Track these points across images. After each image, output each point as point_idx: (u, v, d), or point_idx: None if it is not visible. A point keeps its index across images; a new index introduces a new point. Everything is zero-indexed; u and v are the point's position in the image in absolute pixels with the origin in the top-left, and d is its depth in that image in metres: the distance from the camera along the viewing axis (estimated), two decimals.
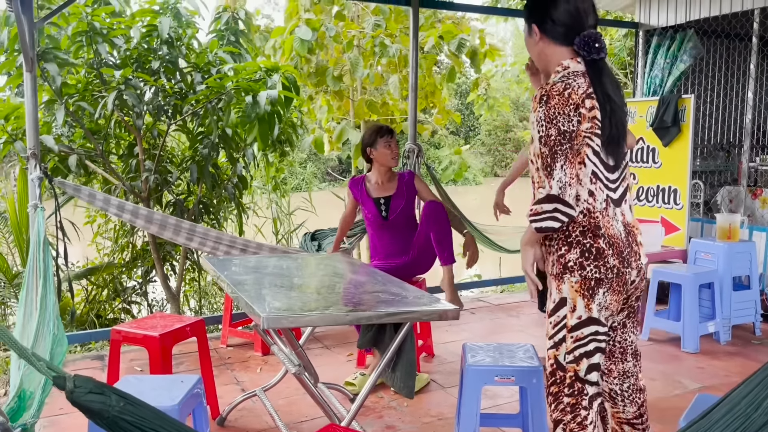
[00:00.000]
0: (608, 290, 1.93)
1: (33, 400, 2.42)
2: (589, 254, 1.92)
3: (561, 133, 1.83)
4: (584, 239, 1.92)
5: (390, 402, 3.31)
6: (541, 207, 1.86)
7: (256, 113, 4.44)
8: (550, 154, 1.84)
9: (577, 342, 1.96)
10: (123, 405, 0.98)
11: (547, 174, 1.85)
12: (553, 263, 1.98)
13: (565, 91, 1.85)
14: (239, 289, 2.49)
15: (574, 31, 1.91)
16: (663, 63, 5.41)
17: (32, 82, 3.49)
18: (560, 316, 1.98)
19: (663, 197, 5.06)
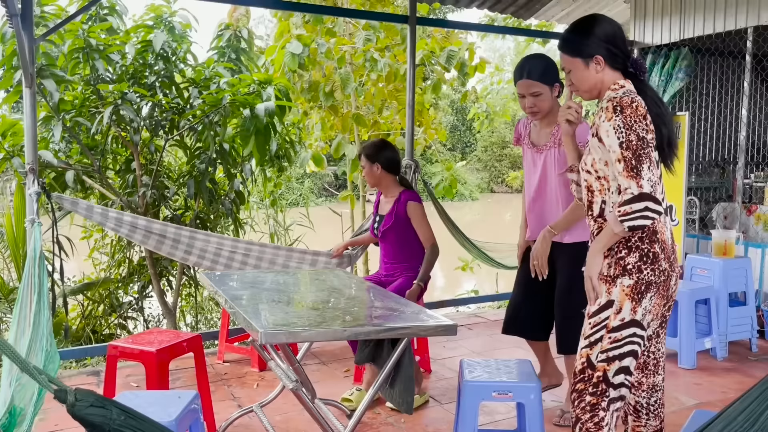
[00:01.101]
0: (655, 294, 2.06)
1: (24, 416, 2.40)
2: (647, 258, 2.05)
3: (640, 138, 1.99)
4: (643, 244, 2.06)
5: (387, 418, 3.30)
6: (630, 207, 1.95)
7: (254, 126, 4.46)
8: (635, 156, 1.97)
9: (614, 343, 2.06)
10: (124, 419, 0.98)
11: (634, 175, 1.95)
12: (611, 265, 2.08)
13: (632, 103, 2.03)
14: (236, 304, 2.49)
15: (627, 56, 2.17)
16: (657, 81, 5.46)
17: (31, 98, 3.50)
18: (602, 318, 2.08)
19: None
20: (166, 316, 5.14)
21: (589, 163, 2.14)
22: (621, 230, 2.00)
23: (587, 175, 2.16)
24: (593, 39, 2.16)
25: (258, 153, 4.62)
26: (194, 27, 4.82)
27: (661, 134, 2.13)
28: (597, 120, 2.09)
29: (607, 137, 2.03)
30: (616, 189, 2.08)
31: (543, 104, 2.95)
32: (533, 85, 2.92)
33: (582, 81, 2.20)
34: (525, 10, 5.79)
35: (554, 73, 2.96)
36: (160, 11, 4.65)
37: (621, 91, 2.12)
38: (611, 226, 2.03)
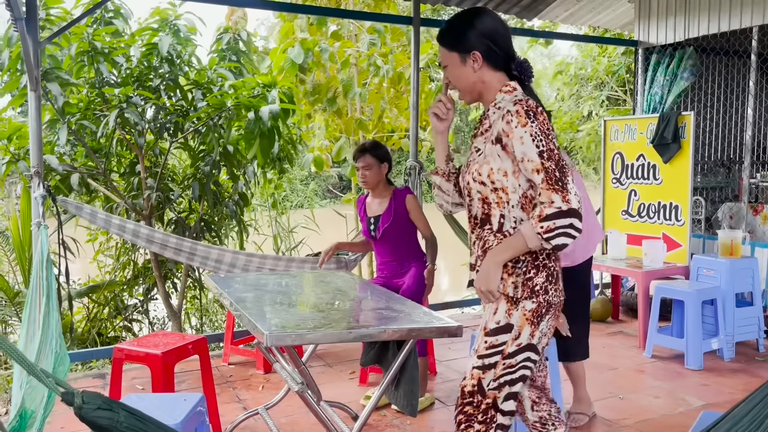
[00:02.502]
0: (552, 316, 1.94)
1: (35, 419, 2.41)
2: (552, 278, 1.92)
3: (558, 147, 1.84)
4: (550, 262, 1.92)
5: (393, 420, 3.29)
6: (554, 223, 1.77)
7: (259, 128, 4.47)
8: (558, 168, 1.80)
9: (507, 369, 1.91)
10: (131, 421, 0.98)
11: (559, 188, 1.78)
12: (517, 286, 1.90)
13: (537, 107, 1.85)
14: (241, 306, 2.49)
15: (511, 56, 1.98)
16: (663, 80, 5.45)
17: (36, 101, 3.51)
18: (499, 341, 1.92)
19: (664, 213, 5.06)
20: (171, 319, 5.14)
21: (485, 174, 1.91)
22: (537, 246, 1.82)
23: (481, 186, 1.93)
24: (472, 33, 1.95)
25: (261, 155, 4.63)
26: (199, 30, 4.83)
27: None
28: (501, 125, 1.87)
29: (521, 144, 1.82)
30: (518, 202, 1.90)
31: None
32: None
33: (458, 78, 2.01)
34: (528, 10, 5.78)
35: None
36: (165, 14, 4.66)
37: (518, 93, 1.94)
38: (526, 241, 1.82)
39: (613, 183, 5.53)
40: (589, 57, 10.48)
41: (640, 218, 5.29)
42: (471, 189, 1.98)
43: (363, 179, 3.66)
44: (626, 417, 3.30)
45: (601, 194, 5.65)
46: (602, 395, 3.58)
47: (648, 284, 4.54)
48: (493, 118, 1.94)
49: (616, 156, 5.48)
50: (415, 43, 4.94)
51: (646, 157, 5.20)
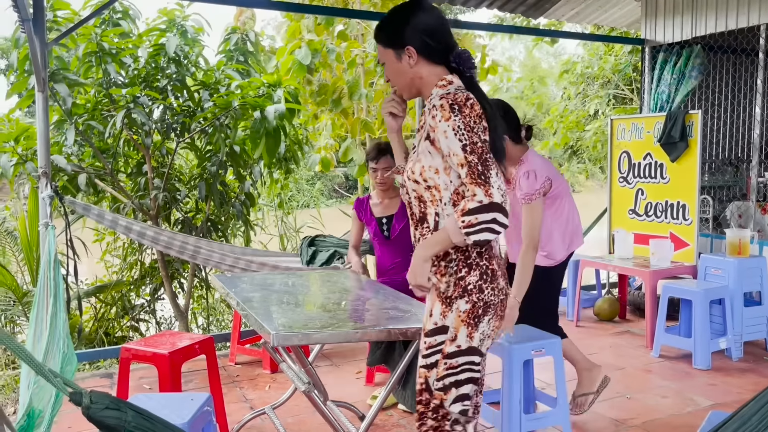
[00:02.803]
0: (493, 316, 1.87)
1: (42, 418, 2.42)
2: (486, 276, 1.85)
3: (483, 140, 1.77)
4: (482, 261, 1.85)
5: (399, 420, 3.29)
6: (476, 217, 1.71)
7: (264, 128, 4.48)
8: (481, 161, 1.74)
9: (449, 370, 1.86)
10: (139, 421, 0.98)
11: (482, 182, 1.72)
12: (449, 285, 1.85)
13: (467, 101, 1.79)
14: (248, 306, 2.49)
15: (449, 49, 1.91)
16: (670, 79, 5.43)
17: (44, 102, 3.52)
18: (437, 341, 1.88)
19: (672, 213, 5.04)
20: (178, 319, 5.16)
21: (417, 172, 1.87)
22: (460, 241, 1.76)
23: (415, 185, 1.89)
24: (406, 28, 1.90)
25: (267, 155, 4.64)
26: (206, 31, 4.85)
27: (490, 142, 1.84)
28: (429, 120, 1.83)
29: (446, 139, 1.77)
30: (450, 199, 1.85)
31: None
32: None
33: (396, 75, 1.96)
34: (534, 9, 5.77)
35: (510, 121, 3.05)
36: (173, 15, 4.68)
37: (452, 87, 1.88)
38: (449, 236, 1.76)
39: (620, 182, 5.51)
40: (595, 56, 10.45)
41: (647, 217, 5.26)
42: (407, 188, 1.94)
43: (382, 180, 3.61)
44: (634, 417, 3.29)
45: (608, 193, 5.64)
46: (610, 395, 3.57)
47: (655, 284, 4.52)
48: (427, 114, 1.88)
49: (623, 155, 5.46)
50: None
51: (653, 155, 5.18)
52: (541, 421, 3.03)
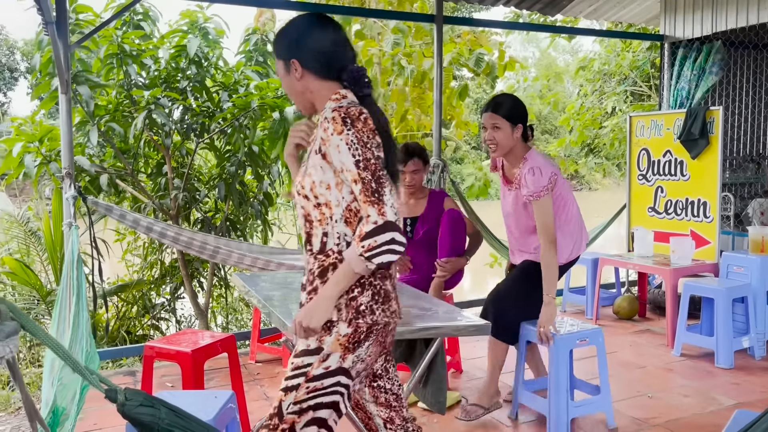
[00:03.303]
0: (374, 342, 1.78)
1: (67, 415, 2.46)
2: (378, 297, 1.77)
3: (376, 157, 1.70)
4: (375, 280, 1.77)
5: (420, 418, 3.29)
6: (375, 240, 1.62)
7: (284, 128, 4.51)
8: (375, 178, 1.66)
9: (311, 393, 1.75)
10: (172, 418, 1.00)
11: (375, 200, 1.65)
12: (340, 308, 1.75)
13: (361, 115, 1.72)
14: (269, 304, 2.51)
15: (339, 64, 1.84)
16: (690, 75, 5.37)
17: (67, 104, 3.57)
18: (305, 362, 1.77)
19: (692, 210, 5.00)
20: (198, 317, 5.20)
21: (307, 187, 1.78)
22: (363, 269, 1.68)
23: (304, 201, 1.79)
24: (294, 41, 1.85)
25: None
26: (225, 32, 4.88)
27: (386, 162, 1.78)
28: (320, 133, 1.75)
29: (338, 153, 1.69)
30: (342, 216, 1.76)
31: (502, 139, 3.04)
32: (495, 119, 3.04)
33: (287, 87, 1.90)
34: (551, 6, 5.74)
35: (519, 114, 3.05)
36: (194, 17, 4.72)
37: (345, 101, 1.80)
38: (350, 266, 1.68)
39: (639, 180, 5.47)
40: (612, 52, 10.38)
41: (667, 215, 5.22)
42: (297, 204, 1.85)
43: (411, 182, 3.62)
44: (656, 416, 3.27)
45: (627, 191, 5.59)
46: (630, 394, 3.55)
47: (676, 282, 4.48)
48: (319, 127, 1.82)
49: (642, 152, 5.42)
50: (438, 40, 4.93)
51: (673, 153, 5.13)
52: (586, 408, 3.12)
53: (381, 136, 1.76)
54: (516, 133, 3.04)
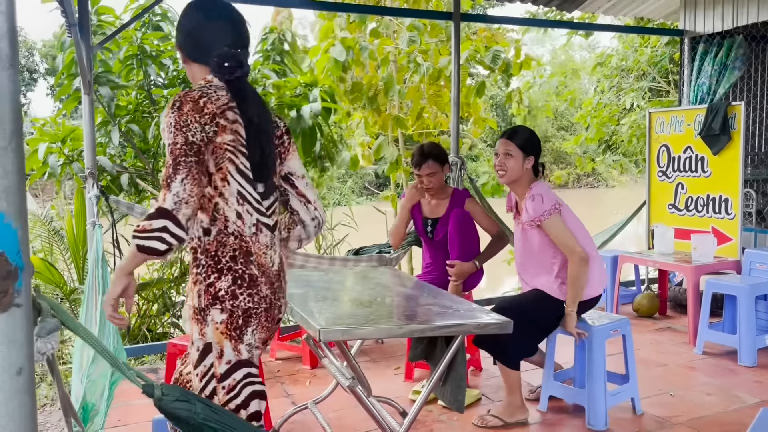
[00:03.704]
0: (257, 327, 1.77)
1: (97, 410, 2.49)
2: (242, 281, 1.74)
3: (188, 143, 1.65)
4: (236, 265, 1.74)
5: (440, 416, 3.30)
6: (150, 224, 1.59)
7: (300, 127, 4.53)
8: (173, 164, 1.64)
9: (230, 393, 1.75)
10: (207, 412, 1.02)
11: (165, 185, 1.62)
12: (200, 294, 1.73)
13: (200, 99, 1.70)
14: (291, 302, 2.53)
15: (206, 47, 1.82)
16: (711, 70, 5.32)
17: (90, 104, 3.62)
18: (207, 366, 1.75)
19: (714, 207, 4.95)
20: None
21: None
22: (134, 249, 1.63)
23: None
24: (178, 26, 1.89)
25: (303, 154, 4.69)
26: None
27: (249, 150, 1.76)
28: None
29: (163, 136, 1.72)
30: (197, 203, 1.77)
31: (512, 166, 3.10)
32: (509, 146, 3.11)
33: (188, 75, 1.94)
34: (569, 2, 5.71)
35: (532, 146, 3.11)
36: None
37: (207, 85, 1.78)
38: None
39: (658, 176, 5.42)
40: (630, 48, 10.29)
41: (687, 212, 5.18)
42: None
43: (428, 185, 3.58)
44: (678, 414, 3.25)
45: (647, 188, 5.55)
46: (652, 392, 3.53)
47: (698, 279, 4.44)
48: None
49: (661, 148, 5.38)
50: (455, 37, 4.93)
51: (693, 149, 5.08)
52: (620, 396, 3.21)
53: (247, 125, 1.75)
54: (527, 164, 3.08)
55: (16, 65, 0.82)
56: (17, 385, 0.84)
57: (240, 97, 1.77)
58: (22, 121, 0.85)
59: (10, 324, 0.83)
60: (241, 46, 1.85)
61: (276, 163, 1.90)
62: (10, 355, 0.84)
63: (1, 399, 0.84)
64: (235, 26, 1.86)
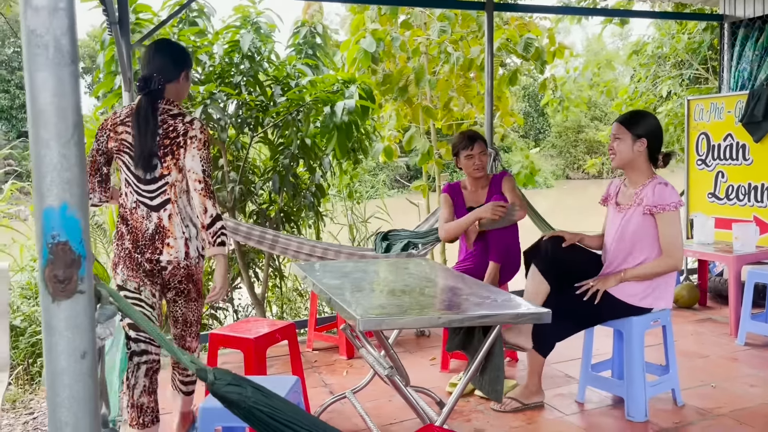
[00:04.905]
0: (124, 266, 2.59)
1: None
2: (118, 235, 2.62)
3: (94, 149, 2.64)
4: (119, 225, 2.63)
5: (477, 406, 3.31)
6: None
7: (333, 123, 4.55)
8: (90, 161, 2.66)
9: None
10: (258, 396, 1.05)
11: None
12: None
13: (107, 118, 2.67)
14: (330, 292, 2.56)
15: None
16: (752, 55, 5.19)
17: (130, 101, 3.70)
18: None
19: (755, 195, 4.83)
20: (255, 307, 5.32)
21: None
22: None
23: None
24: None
25: (339, 149, 4.72)
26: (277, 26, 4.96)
27: (134, 147, 2.56)
28: None
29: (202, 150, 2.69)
30: None
31: (622, 149, 3.08)
32: (619, 129, 3.09)
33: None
34: None
35: (645, 130, 3.05)
36: (246, 12, 4.80)
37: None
38: None
39: (698, 165, 5.32)
40: (667, 35, 10.06)
41: (728, 201, 5.07)
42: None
43: (480, 165, 3.61)
44: (720, 406, 3.20)
45: (685, 177, 5.45)
46: (693, 383, 3.48)
47: (739, 269, 4.35)
48: None
49: (700, 136, 5.27)
50: (488, 27, 4.90)
51: (734, 136, 4.97)
52: (658, 387, 3.17)
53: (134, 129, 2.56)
54: (638, 146, 3.02)
55: (77, 61, 0.86)
56: (82, 368, 0.88)
57: (137, 109, 2.58)
58: (82, 116, 0.88)
59: (75, 310, 0.87)
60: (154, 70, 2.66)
61: (165, 159, 2.58)
62: (75, 339, 0.88)
63: (67, 381, 0.88)
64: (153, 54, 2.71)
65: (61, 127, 0.83)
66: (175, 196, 2.61)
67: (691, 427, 2.97)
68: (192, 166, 2.58)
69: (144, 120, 2.51)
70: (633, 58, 10.93)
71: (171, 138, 2.57)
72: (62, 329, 0.86)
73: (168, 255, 2.58)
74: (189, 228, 2.66)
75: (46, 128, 0.83)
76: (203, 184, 2.58)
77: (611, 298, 3.04)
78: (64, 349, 0.87)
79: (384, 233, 4.71)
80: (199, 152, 2.61)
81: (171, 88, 2.68)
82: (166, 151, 2.56)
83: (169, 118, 2.60)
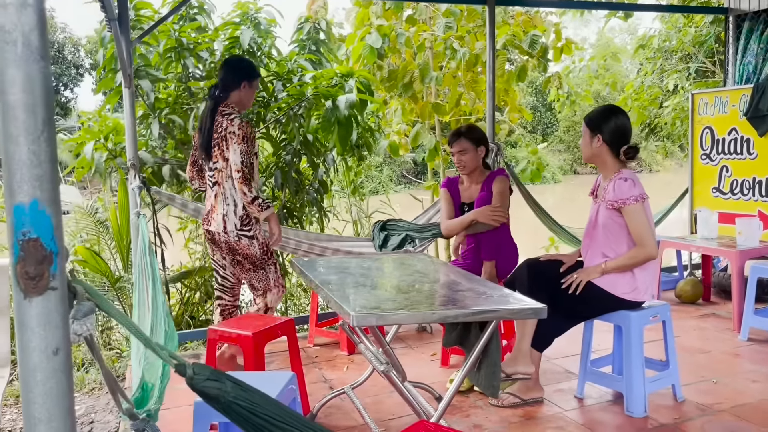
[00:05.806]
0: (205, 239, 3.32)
1: (154, 390, 2.59)
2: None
3: (194, 146, 3.44)
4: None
5: (475, 401, 3.31)
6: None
7: (335, 117, 4.55)
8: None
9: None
10: (237, 392, 1.05)
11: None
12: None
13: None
14: (327, 288, 2.56)
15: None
16: (757, 49, 5.14)
17: (130, 98, 3.71)
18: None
19: (760, 190, 4.80)
20: None
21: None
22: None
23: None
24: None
25: (340, 144, 4.71)
26: (278, 21, 4.95)
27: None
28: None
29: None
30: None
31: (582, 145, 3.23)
32: (583, 126, 3.20)
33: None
34: None
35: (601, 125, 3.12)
36: (246, 8, 4.80)
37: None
38: None
39: (702, 159, 5.28)
40: (673, 28, 9.99)
41: (732, 195, 5.03)
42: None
43: (460, 164, 3.62)
44: (721, 401, 3.18)
45: (690, 171, 5.41)
46: (694, 379, 3.46)
47: (743, 264, 4.32)
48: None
49: (705, 131, 5.23)
50: (490, 22, 4.87)
51: (738, 130, 4.93)
52: (658, 383, 3.17)
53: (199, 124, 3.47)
54: (595, 142, 3.10)
55: (47, 57, 0.86)
56: (54, 365, 0.88)
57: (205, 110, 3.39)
58: (54, 111, 0.89)
59: (46, 306, 0.87)
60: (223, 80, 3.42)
61: (214, 150, 3.30)
62: (47, 336, 0.88)
63: (40, 378, 0.88)
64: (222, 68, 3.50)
65: (30, 124, 0.83)
66: (222, 180, 3.29)
67: (690, 423, 2.96)
68: (232, 158, 3.20)
69: (202, 120, 3.33)
70: (639, 52, 10.85)
71: (218, 133, 3.27)
72: (34, 326, 0.87)
73: (212, 226, 3.32)
74: (229, 206, 3.28)
75: (14, 125, 0.83)
76: (240, 173, 3.18)
77: (598, 290, 3.05)
78: (37, 346, 0.87)
79: (383, 222, 4.70)
80: (238, 146, 3.18)
81: (234, 96, 3.33)
82: (215, 144, 3.28)
83: (220, 118, 3.26)
